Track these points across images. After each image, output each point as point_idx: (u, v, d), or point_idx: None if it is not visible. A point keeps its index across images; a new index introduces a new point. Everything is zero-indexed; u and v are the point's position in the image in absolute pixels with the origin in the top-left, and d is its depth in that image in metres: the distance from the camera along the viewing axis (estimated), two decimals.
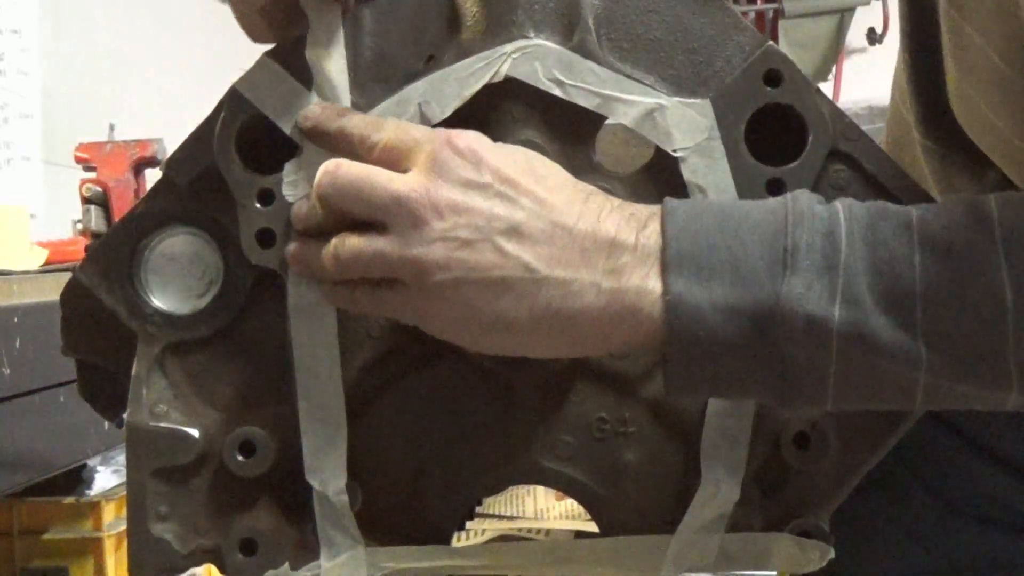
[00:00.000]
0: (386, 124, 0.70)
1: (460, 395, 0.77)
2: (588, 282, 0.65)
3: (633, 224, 0.66)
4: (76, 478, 1.87)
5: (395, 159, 0.68)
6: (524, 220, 0.65)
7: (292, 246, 0.71)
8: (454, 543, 0.79)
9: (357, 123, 0.70)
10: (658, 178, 0.74)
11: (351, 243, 0.68)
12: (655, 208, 0.67)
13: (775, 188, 0.72)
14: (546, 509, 2.65)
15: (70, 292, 0.77)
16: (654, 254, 0.65)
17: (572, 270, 0.65)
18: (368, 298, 0.69)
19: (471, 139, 0.67)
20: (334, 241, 0.68)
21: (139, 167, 2.24)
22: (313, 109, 0.71)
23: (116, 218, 2.13)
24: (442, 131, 0.68)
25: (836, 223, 0.64)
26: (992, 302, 0.62)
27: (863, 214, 0.65)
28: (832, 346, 0.63)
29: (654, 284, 0.64)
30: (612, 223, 0.66)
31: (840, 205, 0.66)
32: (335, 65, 0.72)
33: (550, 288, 0.65)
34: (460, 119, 0.72)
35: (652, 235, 0.65)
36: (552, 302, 0.65)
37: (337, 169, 0.68)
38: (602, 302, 0.65)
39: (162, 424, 0.75)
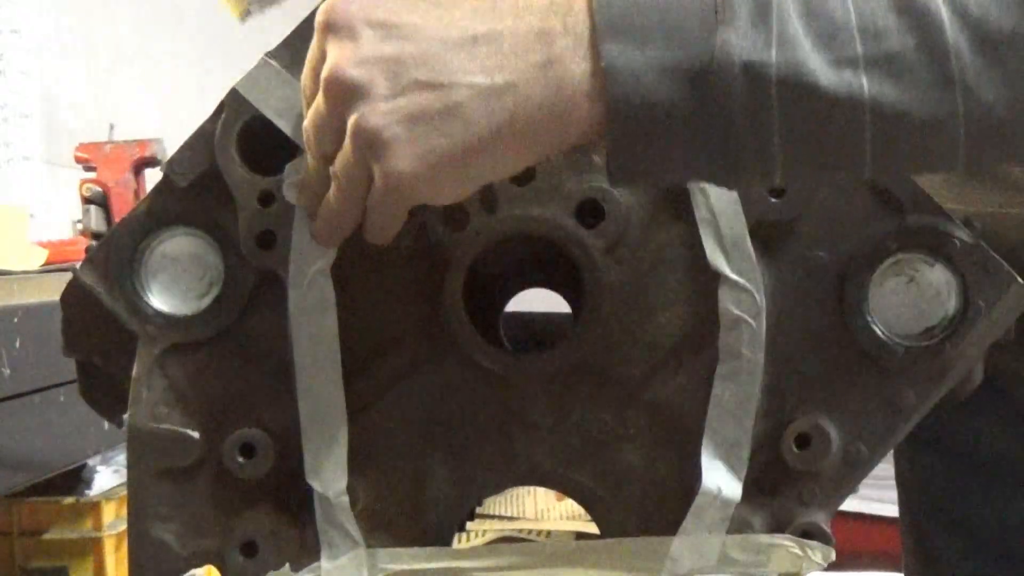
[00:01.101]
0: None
1: (461, 395, 0.77)
2: (531, 78, 0.63)
3: (556, 10, 0.63)
4: (76, 478, 1.87)
5: (315, 67, 0.67)
6: (439, 46, 0.63)
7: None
8: (455, 544, 0.79)
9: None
10: None
11: (337, 160, 0.67)
12: None
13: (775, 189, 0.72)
14: (546, 510, 2.65)
15: (70, 292, 0.77)
16: (586, 38, 0.62)
17: (510, 72, 0.63)
18: (338, 196, 0.68)
19: (345, 2, 0.65)
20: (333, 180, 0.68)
21: (139, 167, 2.24)
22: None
23: (116, 218, 2.14)
24: (319, 13, 0.66)
25: None
26: (929, 19, 0.61)
27: None
28: (772, 95, 0.61)
29: (591, 68, 0.62)
30: (532, 15, 0.63)
31: None
32: None
33: (497, 96, 0.63)
34: None
35: (580, 13, 0.63)
36: (504, 108, 0.63)
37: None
38: (550, 93, 0.63)
39: (163, 425, 0.75)
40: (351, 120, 0.64)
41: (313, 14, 0.74)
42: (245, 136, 0.74)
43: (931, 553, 0.96)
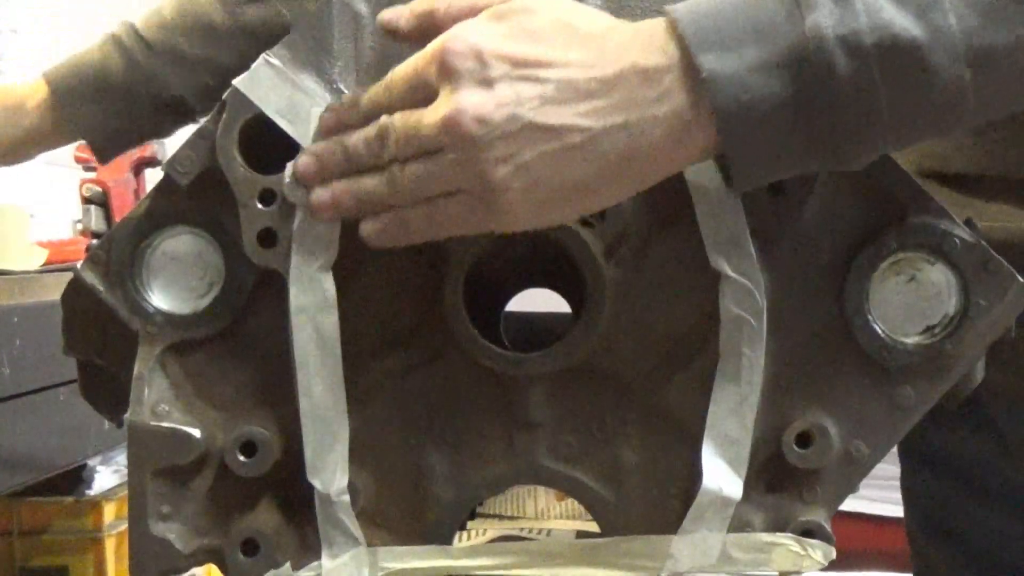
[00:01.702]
0: (388, 78, 0.69)
1: (461, 395, 0.77)
2: (643, 117, 0.65)
3: (656, 44, 0.65)
4: (76, 478, 1.87)
5: (415, 98, 0.68)
6: (554, 89, 0.65)
7: (316, 193, 0.71)
8: (455, 543, 0.79)
9: (370, 98, 0.70)
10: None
11: (411, 169, 0.67)
12: (659, 19, 0.66)
13: (775, 187, 0.72)
14: (547, 509, 2.65)
15: (71, 292, 0.77)
16: (687, 64, 0.64)
17: (623, 112, 0.65)
18: (422, 220, 0.69)
19: (463, 35, 0.66)
20: (395, 169, 0.68)
21: (139, 167, 2.24)
22: (329, 116, 0.71)
23: (116, 218, 2.14)
24: (438, 46, 0.67)
25: None
26: None
27: None
28: (872, 61, 0.62)
29: (698, 91, 0.64)
30: (638, 52, 0.65)
31: None
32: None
33: (610, 137, 0.65)
34: None
35: (675, 48, 0.65)
36: (617, 148, 0.65)
37: (387, 133, 0.68)
38: (663, 129, 0.65)
39: (163, 424, 0.75)
40: (469, 161, 0.65)
41: (314, 13, 0.75)
42: (246, 135, 0.74)
43: (929, 565, 0.97)
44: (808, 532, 0.75)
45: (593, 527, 0.79)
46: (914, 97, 0.64)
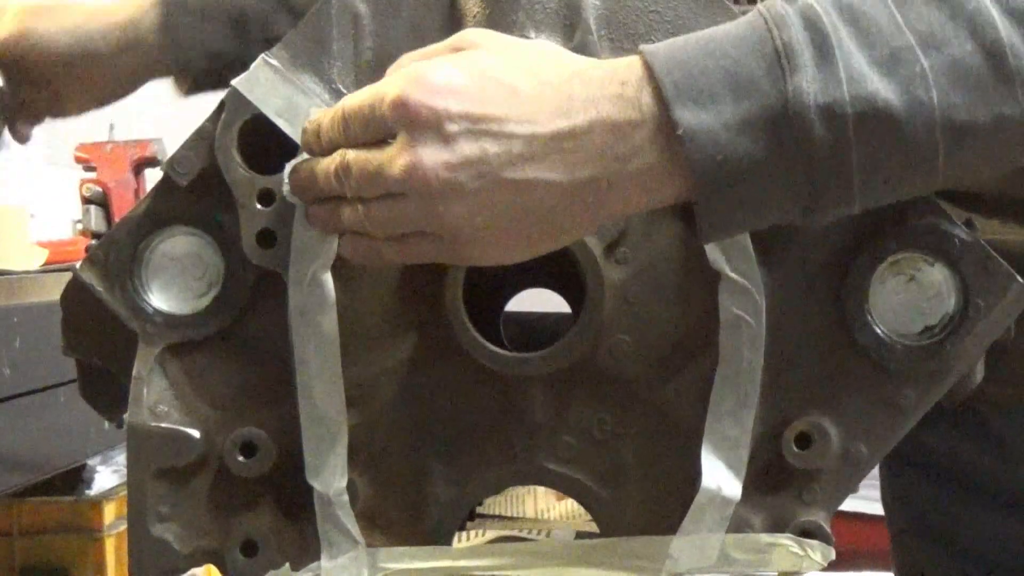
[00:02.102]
0: (342, 111, 0.68)
1: (461, 395, 0.77)
2: (614, 170, 0.65)
3: (629, 96, 0.64)
4: (76, 478, 1.87)
5: (371, 136, 0.67)
6: (522, 145, 0.65)
7: (312, 208, 0.71)
8: (455, 544, 0.79)
9: (326, 131, 0.69)
10: None
11: (377, 209, 0.67)
12: (636, 62, 0.65)
13: None
14: (546, 510, 2.65)
15: (70, 292, 0.77)
16: (661, 119, 0.64)
17: (592, 168, 0.65)
18: (394, 251, 0.69)
19: (426, 91, 0.65)
20: (361, 207, 0.68)
21: (139, 167, 2.23)
22: (303, 138, 0.71)
23: (116, 218, 2.13)
24: (397, 90, 0.65)
25: (815, 13, 0.64)
26: (981, 21, 0.63)
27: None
28: (850, 129, 0.62)
29: (672, 147, 0.64)
30: (607, 105, 0.64)
31: None
32: None
33: (580, 192, 0.65)
34: None
35: (650, 98, 0.64)
36: (586, 202, 0.65)
37: (345, 168, 0.67)
38: (635, 182, 0.65)
39: (163, 424, 0.75)
40: (434, 212, 0.65)
41: (314, 13, 0.75)
42: (245, 135, 0.74)
43: (915, 564, 0.97)
44: (807, 533, 0.75)
45: (592, 528, 0.79)
46: (886, 165, 0.64)
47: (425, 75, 0.66)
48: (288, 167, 0.72)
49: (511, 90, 0.65)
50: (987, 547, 0.91)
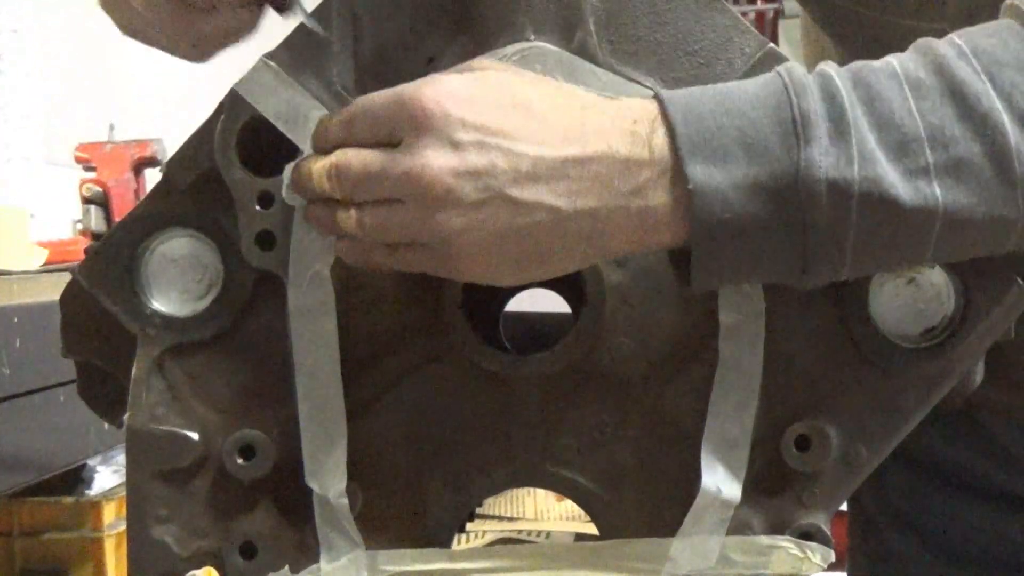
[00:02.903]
0: (351, 112, 0.68)
1: (460, 396, 0.77)
2: (614, 206, 0.65)
3: (640, 133, 0.65)
4: (76, 478, 1.87)
5: (378, 134, 0.67)
6: (530, 164, 0.65)
7: (310, 207, 0.70)
8: (454, 545, 0.79)
9: (332, 129, 0.69)
10: None
11: (371, 216, 0.67)
12: (652, 105, 0.66)
13: None
14: (546, 511, 2.65)
15: (70, 294, 0.77)
16: (670, 164, 0.65)
17: (594, 198, 0.65)
18: (386, 257, 0.69)
19: (449, 91, 0.65)
20: (354, 212, 0.67)
21: (139, 167, 2.24)
22: (313, 135, 0.70)
23: (116, 218, 2.14)
24: (415, 93, 0.66)
25: (835, 87, 0.65)
26: (992, 125, 0.64)
27: (851, 74, 0.66)
28: (853, 208, 0.63)
29: (677, 194, 0.64)
30: (618, 139, 0.65)
31: (829, 69, 0.66)
32: None
33: (578, 221, 0.65)
34: None
35: (662, 141, 0.65)
36: (582, 231, 0.65)
37: (340, 169, 0.67)
38: (632, 222, 0.65)
39: (162, 427, 0.75)
40: (432, 219, 0.65)
41: (313, 14, 0.74)
42: (244, 137, 0.73)
43: (883, 550, 0.97)
44: (807, 535, 0.75)
45: (592, 529, 0.79)
46: (880, 244, 0.65)
47: (444, 81, 0.66)
48: (287, 169, 0.72)
49: (526, 109, 0.66)
50: (963, 536, 0.91)
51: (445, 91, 0.65)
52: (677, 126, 0.64)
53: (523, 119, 0.65)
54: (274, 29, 0.80)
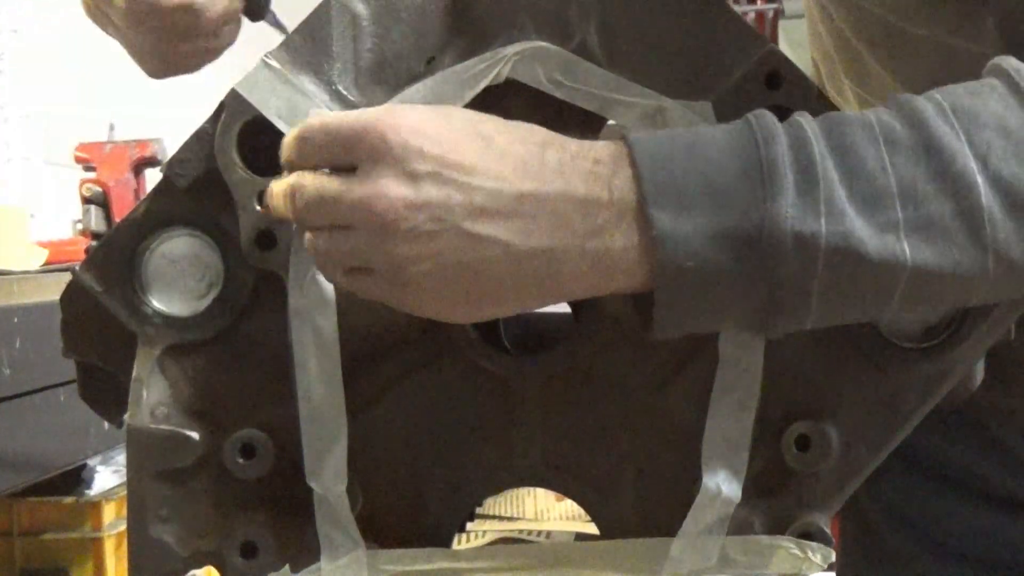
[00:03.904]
0: (311, 125, 0.67)
1: (460, 396, 0.77)
2: (570, 246, 0.64)
3: (601, 174, 0.64)
4: (76, 478, 1.87)
5: (333, 157, 0.66)
6: (484, 199, 0.64)
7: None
8: (454, 545, 0.79)
9: (287, 145, 0.68)
10: None
11: (323, 241, 0.66)
12: (616, 147, 0.65)
13: None
14: (546, 510, 2.65)
15: (70, 293, 0.77)
16: (631, 207, 0.63)
17: (549, 238, 0.64)
18: (347, 282, 0.68)
19: (409, 124, 0.65)
20: (307, 235, 0.67)
21: (139, 167, 2.24)
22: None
23: (116, 218, 2.14)
24: (377, 122, 0.65)
25: (805, 137, 0.64)
26: (966, 184, 0.63)
27: (823, 125, 0.65)
28: (820, 260, 0.62)
29: (637, 238, 0.63)
30: (578, 178, 0.64)
31: (801, 119, 0.65)
32: None
33: (531, 260, 0.64)
34: None
35: (624, 183, 0.63)
36: (537, 271, 0.64)
37: (295, 192, 0.66)
38: (588, 263, 0.64)
39: (162, 426, 0.75)
40: (383, 248, 0.64)
41: (313, 14, 0.75)
42: (244, 137, 0.73)
43: (881, 550, 0.97)
44: (807, 534, 0.75)
45: (592, 529, 0.79)
46: (845, 296, 0.64)
47: (402, 112, 0.65)
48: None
49: (486, 143, 0.65)
50: (963, 537, 0.91)
51: (406, 122, 0.64)
52: (643, 170, 0.63)
53: (481, 153, 0.64)
54: (273, 29, 0.81)
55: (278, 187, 0.67)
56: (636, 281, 0.64)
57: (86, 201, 2.20)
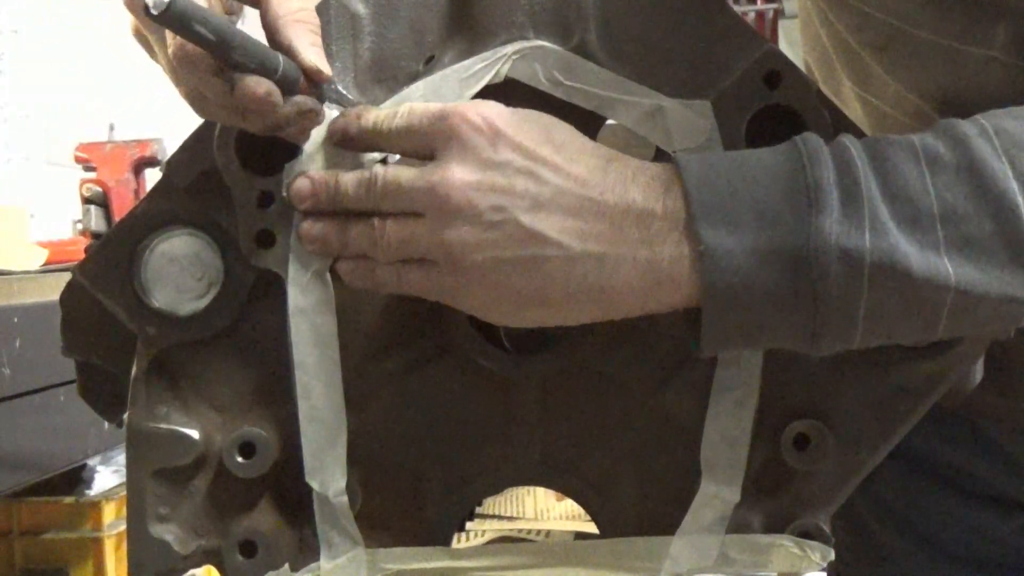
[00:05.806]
0: (400, 112, 0.69)
1: (460, 395, 0.77)
2: (622, 255, 0.65)
3: (657, 188, 0.66)
4: (76, 478, 1.87)
5: (415, 144, 0.68)
6: (549, 195, 0.65)
7: (306, 224, 0.71)
8: (454, 544, 0.79)
9: (374, 118, 0.70)
10: None
11: (391, 229, 0.67)
12: (669, 167, 0.67)
13: None
14: (546, 510, 2.65)
15: (70, 293, 0.77)
16: (682, 220, 0.65)
17: (605, 244, 0.65)
18: (391, 276, 0.69)
19: (487, 113, 0.67)
20: (376, 222, 0.68)
21: (139, 167, 2.24)
22: (338, 121, 0.71)
23: (116, 218, 2.14)
24: (457, 109, 0.67)
25: (850, 157, 0.65)
26: (1008, 206, 0.63)
27: (867, 146, 0.66)
28: (864, 278, 0.63)
29: (687, 250, 0.65)
30: (637, 190, 0.66)
31: (846, 140, 0.66)
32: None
33: (584, 263, 0.65)
34: None
35: (677, 198, 0.65)
36: (587, 276, 0.65)
37: (373, 179, 0.68)
38: (638, 273, 0.65)
39: (162, 425, 0.75)
40: (443, 233, 0.65)
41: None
42: (244, 137, 0.73)
43: (876, 550, 0.97)
44: (806, 533, 0.75)
45: (592, 528, 0.79)
46: (892, 316, 0.65)
47: (481, 105, 0.67)
48: (287, 168, 0.72)
49: (559, 146, 0.67)
50: (959, 537, 0.92)
51: (491, 111, 0.67)
52: (691, 188, 0.65)
53: (552, 152, 0.66)
54: None
55: (351, 176, 0.69)
56: (683, 294, 0.65)
57: (86, 201, 2.20)
